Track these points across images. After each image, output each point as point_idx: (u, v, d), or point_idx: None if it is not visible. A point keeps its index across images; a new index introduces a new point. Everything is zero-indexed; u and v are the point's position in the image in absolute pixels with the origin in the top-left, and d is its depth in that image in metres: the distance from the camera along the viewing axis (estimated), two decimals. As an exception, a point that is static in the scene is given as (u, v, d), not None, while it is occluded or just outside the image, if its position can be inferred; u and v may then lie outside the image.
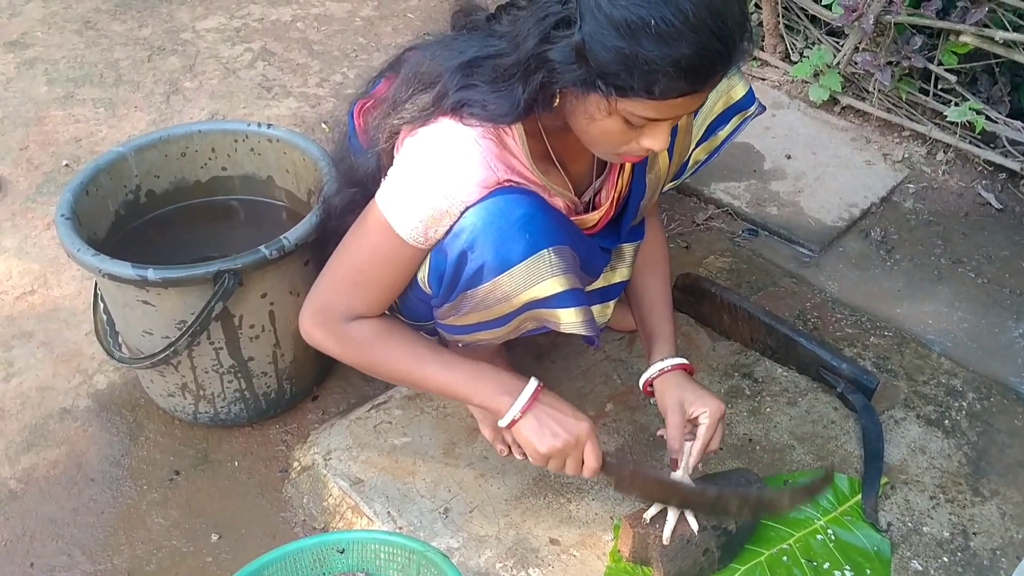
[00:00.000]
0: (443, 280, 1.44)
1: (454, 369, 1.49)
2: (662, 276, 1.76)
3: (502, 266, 1.38)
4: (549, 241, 1.39)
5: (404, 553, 1.48)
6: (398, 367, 1.51)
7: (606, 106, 1.27)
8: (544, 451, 1.46)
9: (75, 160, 2.62)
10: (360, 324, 1.49)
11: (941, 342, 2.09)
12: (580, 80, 1.25)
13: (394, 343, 1.50)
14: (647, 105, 1.25)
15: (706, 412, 1.56)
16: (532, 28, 1.25)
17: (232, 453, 1.89)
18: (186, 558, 1.72)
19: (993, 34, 2.35)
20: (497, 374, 1.50)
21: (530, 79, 1.29)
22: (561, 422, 1.46)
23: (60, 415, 1.95)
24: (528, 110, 1.34)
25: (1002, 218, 2.46)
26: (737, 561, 1.59)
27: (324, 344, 1.52)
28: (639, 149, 1.34)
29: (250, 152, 1.97)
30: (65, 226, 1.70)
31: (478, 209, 1.37)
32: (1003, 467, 1.80)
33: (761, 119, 2.72)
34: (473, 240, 1.38)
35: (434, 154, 1.38)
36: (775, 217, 2.42)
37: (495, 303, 1.44)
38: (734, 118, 1.67)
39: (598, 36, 1.20)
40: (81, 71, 2.99)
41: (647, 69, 1.19)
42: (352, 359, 1.53)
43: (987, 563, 1.63)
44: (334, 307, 1.49)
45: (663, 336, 1.69)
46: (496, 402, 1.47)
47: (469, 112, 1.35)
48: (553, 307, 1.42)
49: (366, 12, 3.34)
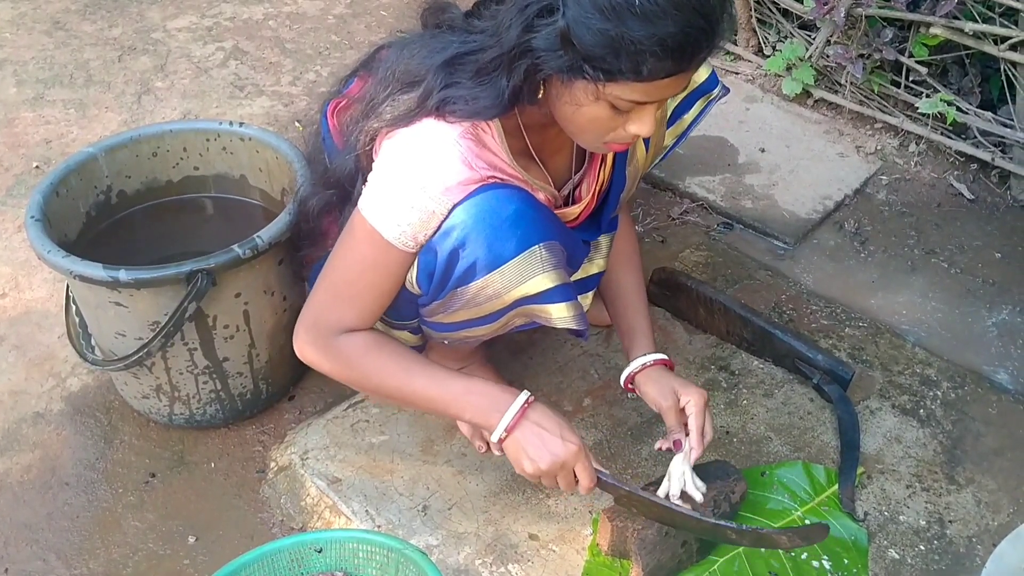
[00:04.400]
0: (433, 278, 1.43)
1: (445, 385, 1.47)
2: (635, 271, 1.76)
3: (494, 263, 1.38)
4: (540, 237, 1.39)
5: (383, 551, 1.47)
6: (388, 382, 1.48)
7: (593, 91, 1.27)
8: (529, 471, 1.45)
9: (45, 162, 2.59)
10: (350, 338, 1.46)
11: (915, 332, 2.11)
12: (566, 66, 1.25)
13: (384, 357, 1.47)
14: (634, 88, 1.25)
15: (691, 401, 1.57)
16: (514, 18, 1.25)
17: (208, 454, 1.87)
18: (163, 561, 1.71)
19: (963, 26, 2.36)
20: (487, 389, 1.47)
21: (514, 70, 1.29)
22: (547, 443, 1.44)
23: (33, 419, 1.93)
24: (512, 102, 1.33)
25: (974, 208, 2.48)
26: (715, 553, 1.60)
27: (316, 361, 1.49)
28: (625, 136, 1.35)
29: (222, 151, 1.95)
30: (35, 228, 1.69)
31: (468, 206, 1.36)
32: (978, 455, 1.81)
33: (735, 113, 2.74)
34: (464, 238, 1.37)
35: (415, 155, 1.37)
36: (750, 210, 2.43)
37: (486, 300, 1.43)
38: (698, 101, 1.68)
39: (582, 20, 1.20)
40: (51, 72, 2.96)
41: (633, 50, 1.20)
42: (343, 374, 1.50)
43: (963, 550, 1.64)
44: (324, 322, 1.46)
45: (641, 332, 1.69)
46: (486, 419, 1.45)
47: (453, 109, 1.35)
48: (544, 303, 1.42)
49: (339, 10, 3.33)
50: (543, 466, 1.44)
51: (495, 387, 1.48)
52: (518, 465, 1.47)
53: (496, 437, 1.45)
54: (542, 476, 1.46)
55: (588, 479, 1.46)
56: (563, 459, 1.43)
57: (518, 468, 1.47)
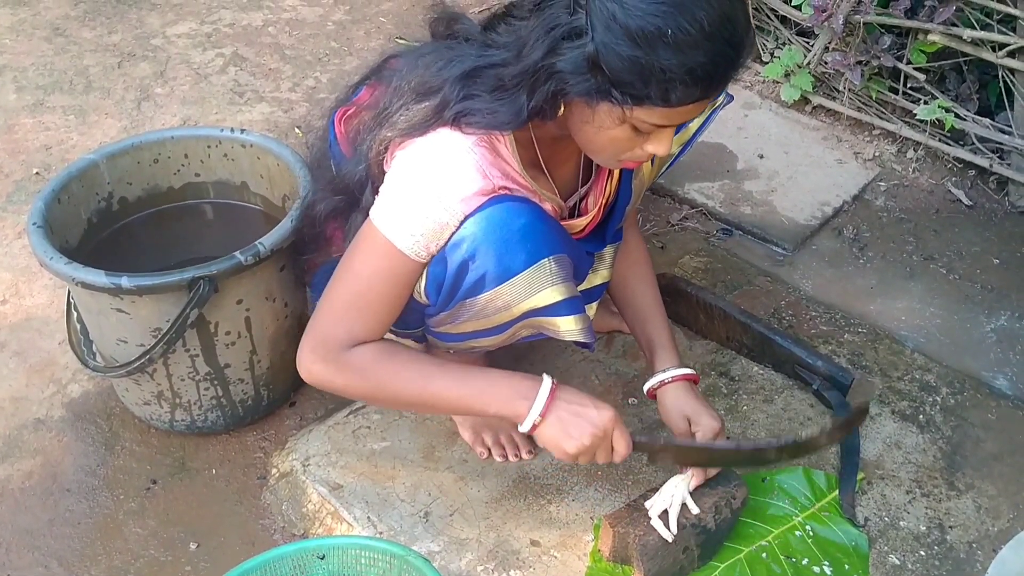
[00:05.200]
0: (442, 289, 1.42)
1: (465, 382, 1.44)
2: (650, 282, 1.77)
3: (504, 275, 1.37)
4: (550, 250, 1.39)
5: (385, 558, 1.47)
6: (407, 388, 1.44)
7: (619, 115, 1.27)
8: (573, 451, 1.43)
9: (46, 168, 2.59)
10: (361, 349, 1.43)
11: (914, 338, 2.11)
12: (592, 90, 1.25)
13: (399, 363, 1.44)
14: (659, 112, 1.25)
15: (700, 430, 1.57)
16: (539, 38, 1.25)
17: (209, 461, 1.87)
18: (164, 567, 1.70)
19: (961, 32, 2.38)
20: (509, 379, 1.45)
21: (537, 89, 1.28)
22: (585, 417, 1.42)
23: (34, 425, 1.93)
24: (531, 118, 1.33)
25: (972, 214, 2.49)
26: (717, 559, 1.60)
27: (326, 378, 1.44)
28: (642, 155, 1.35)
29: (223, 158, 1.96)
30: (37, 234, 1.69)
31: (478, 219, 1.36)
32: (977, 461, 1.82)
33: (734, 119, 2.75)
34: (475, 250, 1.36)
35: (430, 165, 1.36)
36: (749, 216, 2.44)
37: (494, 312, 1.43)
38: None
39: (612, 46, 1.20)
40: (51, 78, 2.96)
41: (664, 78, 1.20)
42: (357, 389, 1.46)
43: (963, 556, 1.65)
44: (333, 337, 1.42)
45: (663, 344, 1.68)
46: (513, 409, 1.43)
47: (470, 121, 1.34)
48: (552, 315, 1.43)
49: (338, 16, 3.33)
50: (587, 441, 1.41)
51: (516, 376, 1.45)
52: (558, 448, 1.43)
53: (528, 425, 1.42)
54: (584, 452, 1.43)
55: (625, 445, 1.45)
56: (604, 427, 1.42)
57: (558, 452, 1.44)
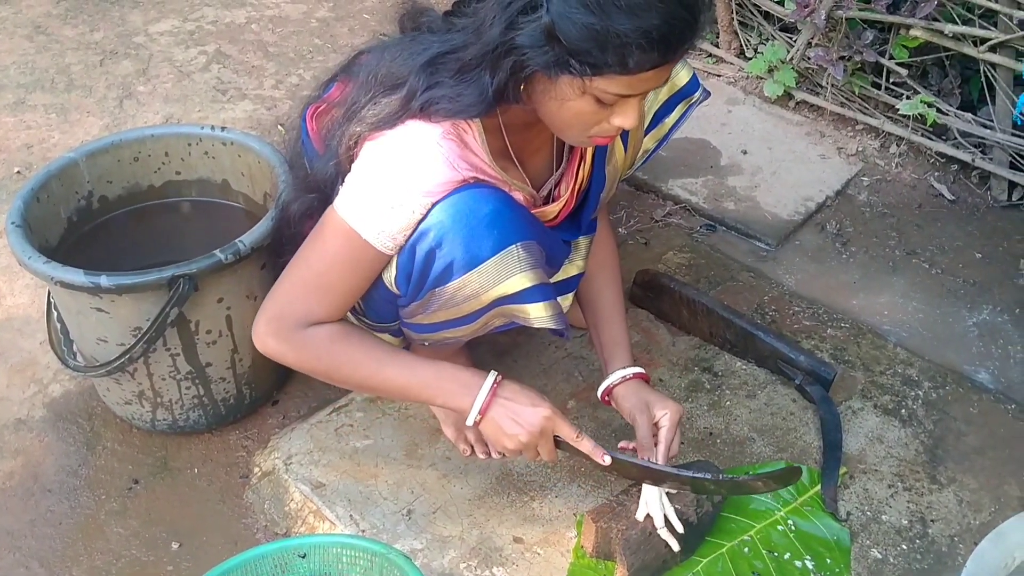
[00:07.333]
0: (411, 279, 1.43)
1: (415, 371, 1.47)
2: (614, 283, 1.77)
3: (471, 263, 1.38)
4: (517, 236, 1.39)
5: (367, 556, 1.47)
6: (358, 371, 1.47)
7: (579, 85, 1.28)
8: (511, 448, 1.46)
9: (26, 167, 2.58)
10: (317, 329, 1.45)
11: (897, 332, 2.12)
12: (551, 62, 1.25)
13: (353, 347, 1.47)
14: (619, 81, 1.26)
15: (666, 414, 1.58)
16: (496, 15, 1.26)
17: (191, 460, 1.87)
18: (146, 567, 1.70)
19: (942, 28, 2.38)
20: (457, 373, 1.48)
21: (498, 67, 1.29)
22: (521, 415, 1.45)
23: (15, 426, 1.92)
24: (497, 99, 1.33)
25: (955, 209, 2.50)
26: (699, 553, 1.61)
27: (280, 352, 1.46)
28: (610, 129, 1.35)
29: (204, 156, 1.95)
30: (16, 234, 1.68)
31: (445, 206, 1.37)
32: (959, 455, 1.82)
33: (717, 115, 2.75)
34: (441, 238, 1.37)
35: (397, 157, 1.37)
36: (732, 212, 2.44)
37: (464, 300, 1.44)
38: (679, 105, 1.68)
39: (567, 15, 1.21)
40: (32, 77, 2.94)
41: (619, 43, 1.21)
42: (310, 366, 1.48)
43: (945, 549, 1.65)
44: (290, 313, 1.44)
45: (620, 344, 1.70)
46: (458, 402, 1.46)
47: (437, 109, 1.35)
48: (522, 302, 1.43)
49: (321, 13, 3.32)
50: (523, 439, 1.45)
51: (465, 371, 1.48)
52: (498, 444, 1.48)
53: (471, 420, 1.45)
54: (524, 450, 1.47)
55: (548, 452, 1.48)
56: (539, 426, 1.45)
57: (498, 447, 1.48)
